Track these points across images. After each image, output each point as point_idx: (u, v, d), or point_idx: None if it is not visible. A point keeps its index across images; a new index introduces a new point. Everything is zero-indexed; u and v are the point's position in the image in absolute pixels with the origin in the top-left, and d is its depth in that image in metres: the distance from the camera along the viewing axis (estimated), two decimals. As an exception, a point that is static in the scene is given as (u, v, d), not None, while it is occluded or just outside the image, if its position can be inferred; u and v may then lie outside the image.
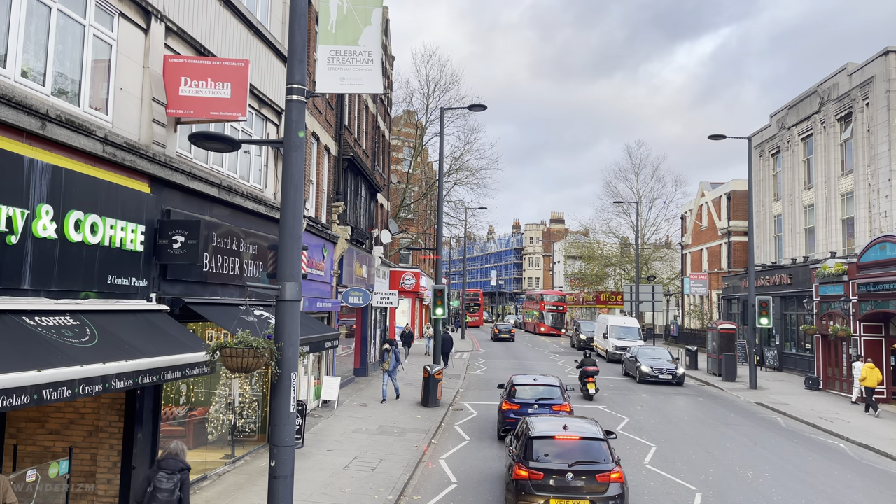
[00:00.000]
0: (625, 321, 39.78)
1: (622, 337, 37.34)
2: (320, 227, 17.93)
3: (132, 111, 9.28)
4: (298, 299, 7.69)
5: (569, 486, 9.70)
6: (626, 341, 36.33)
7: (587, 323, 49.91)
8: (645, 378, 27.83)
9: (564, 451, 10.25)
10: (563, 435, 10.56)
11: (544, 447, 10.33)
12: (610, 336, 37.87)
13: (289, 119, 7.78)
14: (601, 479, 9.74)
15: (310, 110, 17.06)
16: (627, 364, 31.03)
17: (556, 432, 10.65)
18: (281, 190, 7.74)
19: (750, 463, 14.75)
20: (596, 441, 10.49)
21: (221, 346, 7.09)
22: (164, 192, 9.76)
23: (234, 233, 11.71)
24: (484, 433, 17.10)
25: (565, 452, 10.22)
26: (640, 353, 29.74)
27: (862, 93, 28.03)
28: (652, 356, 29.31)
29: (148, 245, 9.24)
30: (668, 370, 27.85)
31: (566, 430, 10.74)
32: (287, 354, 7.51)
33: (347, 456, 13.77)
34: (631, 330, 38.39)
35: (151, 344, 8.06)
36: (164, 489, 7.28)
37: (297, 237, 7.68)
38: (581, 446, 10.34)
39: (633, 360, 29.58)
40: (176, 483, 7.36)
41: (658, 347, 33.01)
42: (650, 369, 27.82)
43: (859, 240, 27.48)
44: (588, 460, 10.02)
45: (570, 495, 9.65)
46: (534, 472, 9.85)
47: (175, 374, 8.08)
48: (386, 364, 20.59)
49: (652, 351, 30.64)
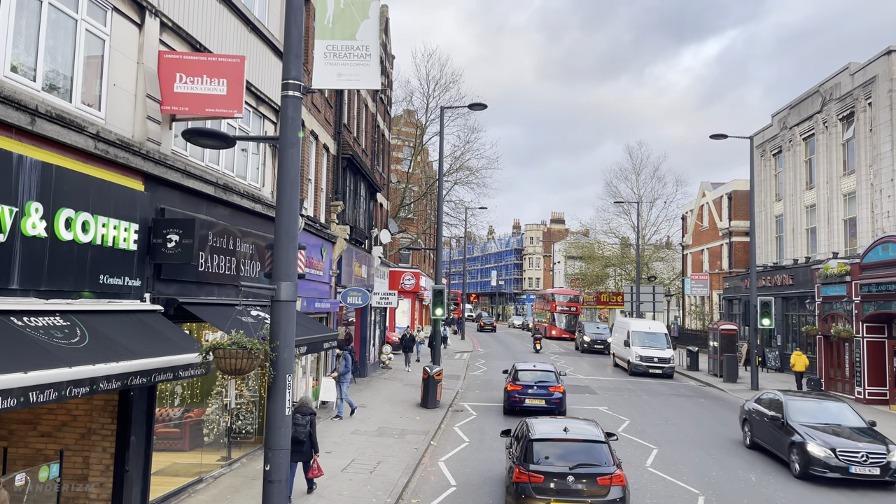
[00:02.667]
0: (650, 325, 33.90)
1: (647, 345, 31.83)
2: (319, 226, 17.76)
3: (126, 108, 9.11)
4: (294, 299, 7.52)
5: (570, 490, 9.56)
6: (652, 350, 31.34)
7: (590, 324, 47.69)
8: None
9: (565, 454, 10.12)
10: (564, 437, 10.46)
11: (545, 449, 10.19)
12: (633, 343, 32.07)
13: (285, 115, 7.62)
14: (602, 483, 9.59)
15: (308, 108, 16.90)
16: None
17: (557, 434, 10.53)
18: (276, 188, 7.57)
19: (753, 466, 14.58)
20: (597, 444, 10.34)
21: (214, 347, 6.93)
22: (159, 190, 9.59)
23: (230, 232, 11.54)
24: (484, 435, 16.93)
25: (566, 455, 10.09)
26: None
27: (864, 92, 27.85)
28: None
29: (142, 244, 9.07)
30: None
31: (567, 432, 10.60)
32: (282, 356, 7.34)
33: (345, 458, 13.60)
34: (657, 337, 32.59)
35: (143, 345, 7.89)
36: (300, 424, 10.80)
37: (292, 236, 7.51)
38: (582, 449, 10.21)
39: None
40: (308, 421, 10.95)
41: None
42: None
43: (861, 240, 27.30)
44: (589, 463, 9.88)
45: (571, 499, 9.51)
46: (534, 476, 9.70)
47: (167, 375, 7.92)
48: (335, 373, 18.02)
49: None
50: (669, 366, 30.54)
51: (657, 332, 32.96)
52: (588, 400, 23.05)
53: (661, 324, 35.44)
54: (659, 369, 30.28)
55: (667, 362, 30.59)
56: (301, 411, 10.97)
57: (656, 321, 37.95)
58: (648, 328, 33.13)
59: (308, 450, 10.86)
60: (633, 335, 32.34)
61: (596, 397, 23.79)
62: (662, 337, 32.65)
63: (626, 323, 34.70)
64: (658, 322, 36.24)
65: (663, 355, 30.86)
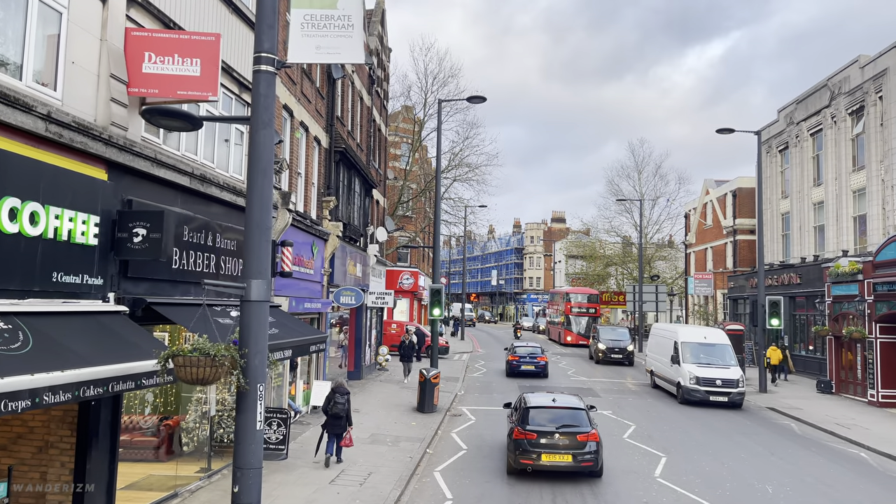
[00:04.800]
0: (706, 334, 25.07)
1: (705, 361, 23.15)
2: (309, 222, 16.92)
3: (87, 88, 8.27)
4: (267, 299, 6.70)
5: (556, 445, 12.46)
6: (713, 368, 22.80)
7: (606, 329, 39.54)
8: None
9: (554, 418, 12.90)
10: (553, 405, 13.33)
11: (538, 415, 12.95)
12: (684, 359, 23.26)
13: (256, 93, 6.80)
14: (581, 439, 12.45)
15: (297, 98, 16.06)
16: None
17: (547, 403, 13.42)
18: (247, 174, 6.74)
19: (767, 475, 13.73)
20: (579, 411, 13.15)
21: (174, 354, 6.09)
22: (125, 179, 8.75)
23: (209, 227, 10.71)
24: (483, 442, 16.09)
25: (554, 419, 12.89)
26: None
27: (875, 86, 27.01)
28: None
29: (105, 239, 8.24)
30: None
31: (555, 402, 13.57)
32: (253, 363, 6.51)
33: (334, 469, 12.75)
34: (718, 350, 23.79)
35: (100, 351, 7.06)
36: (340, 402, 12.85)
37: (264, 228, 6.69)
38: (567, 414, 13.00)
39: None
40: (346, 399, 12.96)
41: None
42: None
43: (872, 238, 26.46)
44: (571, 424, 12.69)
45: (557, 451, 12.39)
46: (529, 434, 12.52)
47: (128, 384, 7.08)
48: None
49: None
50: (738, 391, 22.19)
51: (717, 342, 24.21)
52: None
53: (719, 332, 26.05)
54: (724, 396, 22.05)
55: (734, 385, 22.22)
56: (340, 391, 13.00)
57: (712, 328, 28.87)
58: (704, 338, 24.42)
59: (344, 424, 12.92)
60: (684, 348, 23.67)
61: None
62: (725, 350, 23.90)
63: (670, 331, 26.05)
64: (715, 330, 26.79)
65: (729, 375, 22.42)
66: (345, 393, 13.10)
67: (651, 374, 27.39)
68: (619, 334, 37.68)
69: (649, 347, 28.28)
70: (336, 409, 12.84)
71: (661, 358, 25.97)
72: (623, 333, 37.90)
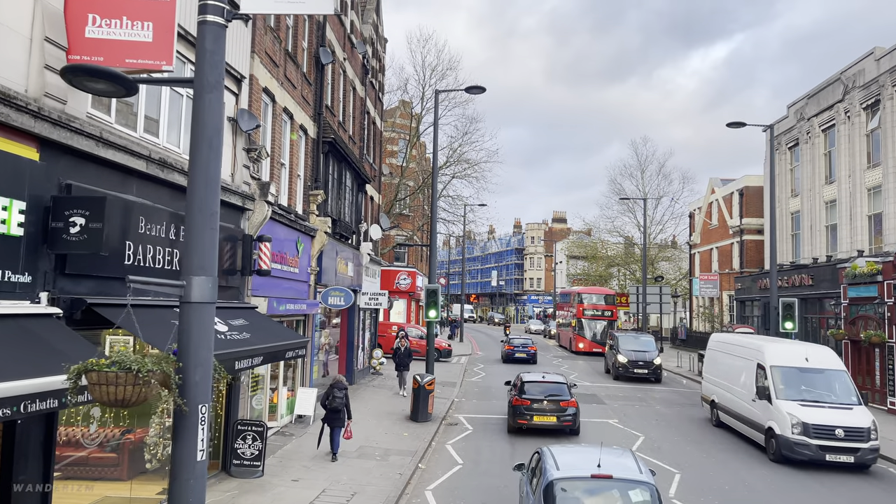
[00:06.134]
0: (807, 353, 16.76)
1: (811, 398, 15.68)
2: (294, 216, 15.70)
3: (16, 52, 7.06)
4: (212, 300, 5.46)
5: (544, 409, 16.67)
6: (825, 410, 15.18)
7: (627, 337, 32.26)
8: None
9: (543, 390, 17.05)
10: (542, 380, 17.62)
11: (531, 387, 17.16)
12: (778, 394, 15.73)
13: (202, 48, 5.57)
14: (563, 405, 16.74)
15: (280, 81, 14.83)
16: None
17: (538, 379, 17.74)
18: (190, 146, 5.53)
19: (795, 497, 12.49)
20: (562, 384, 17.50)
21: (87, 369, 4.84)
22: (63, 160, 7.53)
23: (170, 218, 9.49)
24: (481, 455, 14.85)
25: (543, 391, 17.03)
26: None
27: (891, 79, 25.76)
28: None
29: (34, 229, 7.02)
30: None
31: (544, 378, 17.93)
32: (192, 379, 5.27)
33: (315, 488, 11.52)
34: (828, 378, 16.25)
35: (13, 362, 5.83)
36: (338, 397, 13.39)
37: (209, 213, 5.46)
38: (553, 387, 17.23)
39: None
40: (344, 394, 13.52)
41: None
42: None
43: (889, 237, 25.21)
44: (556, 394, 16.98)
45: (544, 413, 16.63)
46: (524, 401, 16.82)
47: (49, 402, 5.87)
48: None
49: None
50: (870, 446, 14.51)
51: (826, 367, 16.44)
52: None
53: (826, 350, 17.42)
54: (849, 454, 14.42)
55: (863, 437, 14.52)
56: (338, 386, 13.59)
57: (816, 345, 19.03)
58: (806, 360, 16.47)
59: (343, 417, 13.49)
60: (777, 374, 16.11)
61: (601, 406, 20.62)
62: (841, 379, 16.21)
63: (748, 346, 18.14)
64: (820, 347, 17.86)
65: (853, 421, 14.78)
66: (343, 388, 13.64)
67: (712, 406, 19.64)
68: (644, 343, 30.95)
69: (706, 367, 21.27)
70: (335, 404, 13.36)
71: (729, 385, 18.65)
72: (648, 343, 31.23)
